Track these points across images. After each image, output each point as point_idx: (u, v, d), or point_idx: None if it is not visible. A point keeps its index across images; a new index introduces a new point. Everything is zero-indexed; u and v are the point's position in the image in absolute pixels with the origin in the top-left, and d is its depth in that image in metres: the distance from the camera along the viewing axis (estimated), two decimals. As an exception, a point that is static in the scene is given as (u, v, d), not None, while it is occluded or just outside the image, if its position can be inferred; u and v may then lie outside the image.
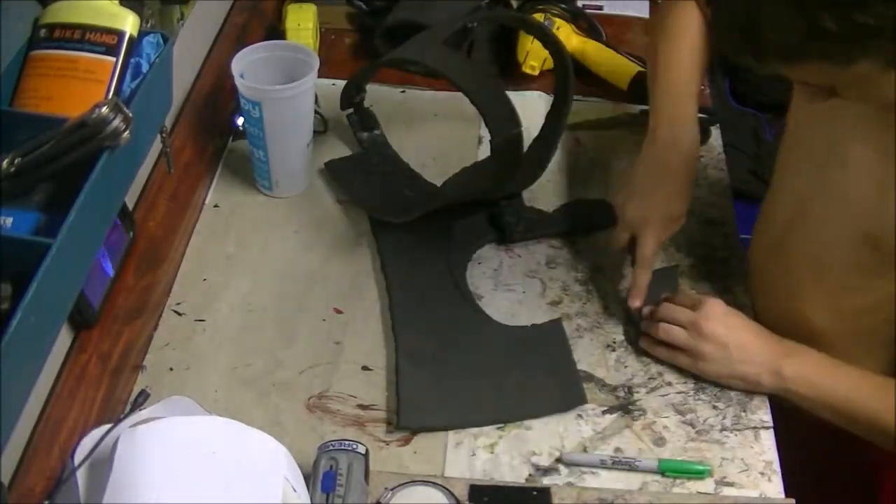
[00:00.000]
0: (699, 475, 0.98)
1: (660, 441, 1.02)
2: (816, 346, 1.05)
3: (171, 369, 1.08)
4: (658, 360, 1.10)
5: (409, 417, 1.02)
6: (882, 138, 0.96)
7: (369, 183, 1.30)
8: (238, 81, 1.20)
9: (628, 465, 0.99)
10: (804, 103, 1.02)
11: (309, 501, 0.89)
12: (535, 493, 0.97)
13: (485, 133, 1.40)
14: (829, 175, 1.04)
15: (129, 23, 0.93)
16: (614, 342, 1.12)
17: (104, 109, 0.81)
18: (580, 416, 1.05)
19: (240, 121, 1.31)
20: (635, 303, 1.11)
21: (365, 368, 1.09)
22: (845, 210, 1.03)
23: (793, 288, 1.12)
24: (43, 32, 0.93)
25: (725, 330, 1.05)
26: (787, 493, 0.98)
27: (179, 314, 1.14)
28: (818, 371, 1.02)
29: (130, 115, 0.82)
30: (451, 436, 1.02)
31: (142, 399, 1.00)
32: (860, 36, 0.79)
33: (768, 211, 1.18)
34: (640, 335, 1.11)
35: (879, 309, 1.04)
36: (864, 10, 0.78)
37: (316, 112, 1.30)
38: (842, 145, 1.01)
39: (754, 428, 1.04)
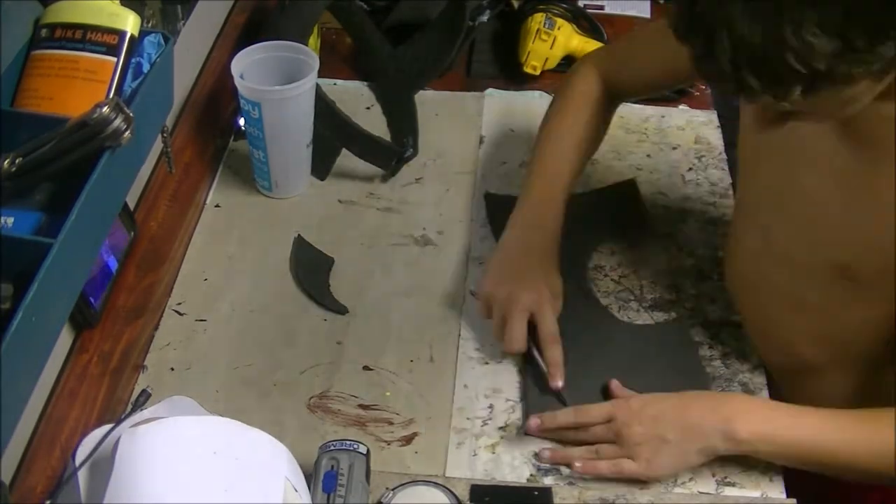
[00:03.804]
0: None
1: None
2: (811, 376, 1.03)
3: (172, 369, 1.08)
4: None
5: (535, 410, 1.03)
6: (836, 164, 0.92)
7: None
8: (238, 82, 1.20)
9: None
10: (753, 134, 0.97)
11: (310, 501, 0.89)
12: (536, 492, 0.97)
13: (485, 132, 1.41)
14: (789, 207, 0.99)
15: (130, 22, 0.92)
16: (615, 342, 1.12)
17: (105, 109, 0.80)
18: (581, 415, 1.05)
19: (241, 121, 1.31)
20: (557, 382, 1.03)
21: (366, 368, 1.09)
22: (810, 241, 0.98)
23: (774, 319, 1.06)
24: (44, 32, 0.92)
25: (653, 425, 0.96)
26: (789, 494, 0.98)
27: (180, 314, 1.14)
28: (773, 424, 0.94)
29: (131, 114, 0.82)
30: (453, 435, 1.02)
31: (143, 399, 0.99)
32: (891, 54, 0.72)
33: (736, 241, 1.12)
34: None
35: (865, 334, 0.98)
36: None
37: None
38: (797, 175, 0.97)
39: (756, 428, 1.03)
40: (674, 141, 1.41)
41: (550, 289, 1.08)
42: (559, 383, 1.04)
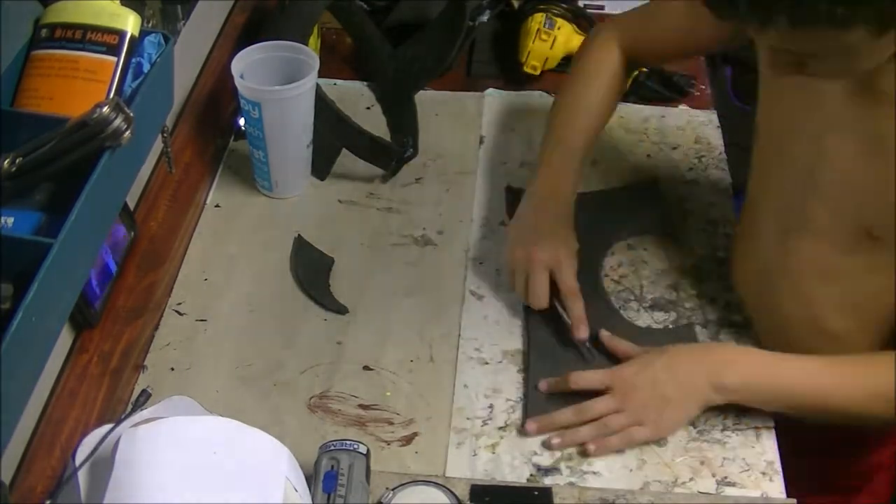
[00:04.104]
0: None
1: (661, 441, 1.02)
2: (833, 347, 1.03)
3: (173, 369, 1.08)
4: None
5: (535, 409, 1.04)
6: (859, 127, 0.94)
7: None
8: (238, 82, 1.20)
9: None
10: (776, 107, 0.98)
11: (310, 501, 0.89)
12: (536, 493, 0.97)
13: (485, 132, 1.41)
14: (817, 176, 1.01)
15: (130, 22, 0.92)
16: (615, 342, 1.12)
17: (105, 109, 0.80)
18: (581, 415, 1.05)
19: (241, 121, 1.31)
20: (581, 334, 1.08)
21: (366, 368, 1.09)
22: (835, 206, 1.01)
23: (801, 295, 1.08)
24: (44, 32, 0.92)
25: (653, 388, 1.01)
26: (789, 493, 0.98)
27: (180, 314, 1.14)
28: (756, 373, 1.00)
29: (131, 114, 0.82)
30: (453, 435, 1.02)
31: (143, 399, 1.00)
32: None
33: (754, 225, 1.15)
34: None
35: (887, 300, 1.02)
36: None
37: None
38: (822, 142, 0.99)
39: (756, 428, 1.03)
40: (674, 141, 1.41)
41: (567, 247, 1.12)
42: (583, 335, 1.09)
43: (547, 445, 1.01)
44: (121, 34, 0.92)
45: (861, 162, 0.96)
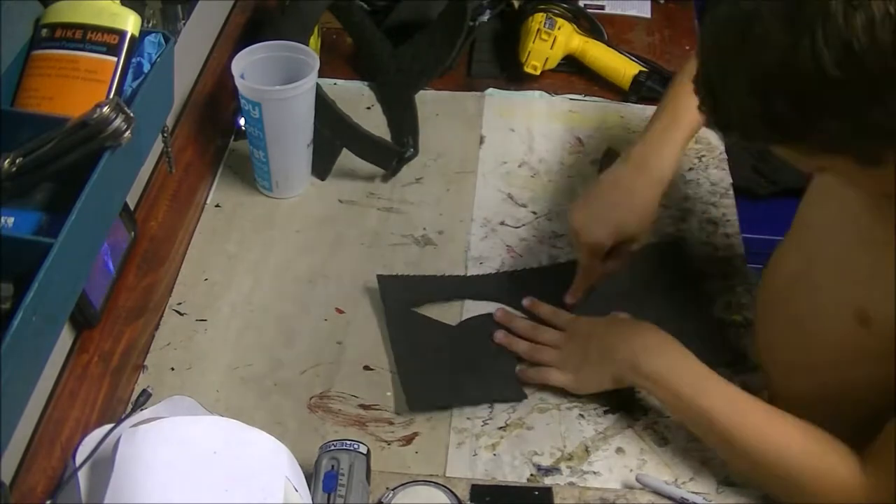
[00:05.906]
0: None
1: (662, 441, 1.02)
2: (801, 404, 0.97)
3: (173, 369, 1.08)
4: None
5: (414, 402, 1.05)
6: (883, 226, 0.89)
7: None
8: (238, 82, 1.20)
9: None
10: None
11: (310, 501, 0.89)
12: (536, 492, 0.97)
13: (486, 133, 1.41)
14: (833, 243, 0.97)
15: (130, 22, 0.93)
16: (616, 342, 1.12)
17: (105, 109, 0.81)
18: (581, 415, 1.05)
19: (241, 121, 1.31)
20: (568, 299, 1.14)
21: (366, 368, 1.09)
22: (839, 282, 0.96)
23: (789, 341, 1.04)
24: (44, 32, 0.93)
25: (584, 344, 1.05)
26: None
27: (181, 314, 1.14)
28: (676, 374, 0.97)
29: (132, 114, 0.82)
30: (453, 435, 1.02)
31: (143, 399, 1.00)
32: (817, 130, 0.72)
33: (779, 256, 1.11)
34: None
35: (857, 391, 0.94)
36: (820, 106, 0.70)
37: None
38: (848, 217, 0.95)
39: (756, 428, 1.04)
40: (674, 141, 1.40)
41: (622, 227, 1.11)
42: (568, 299, 1.15)
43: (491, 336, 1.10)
44: (121, 34, 0.92)
45: (874, 252, 0.90)
